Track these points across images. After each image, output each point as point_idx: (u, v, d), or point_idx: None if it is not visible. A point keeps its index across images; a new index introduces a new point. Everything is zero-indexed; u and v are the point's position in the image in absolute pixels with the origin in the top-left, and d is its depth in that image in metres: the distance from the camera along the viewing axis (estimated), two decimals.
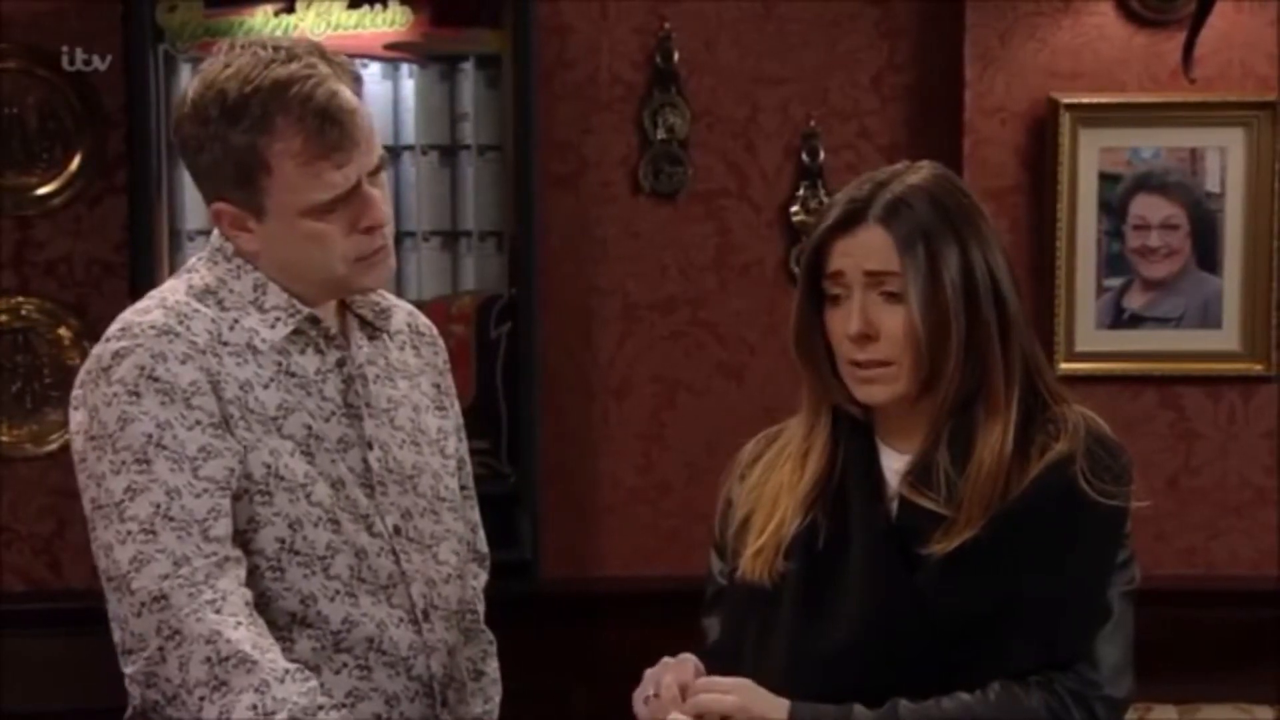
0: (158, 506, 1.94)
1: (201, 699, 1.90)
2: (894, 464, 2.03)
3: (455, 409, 2.26)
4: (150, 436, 1.96)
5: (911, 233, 1.98)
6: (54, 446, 3.86)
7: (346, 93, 2.01)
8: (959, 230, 2.00)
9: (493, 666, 2.30)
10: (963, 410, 2.00)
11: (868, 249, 2.00)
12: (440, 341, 2.28)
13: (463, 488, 2.25)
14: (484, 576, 2.31)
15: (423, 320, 2.28)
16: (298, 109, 1.97)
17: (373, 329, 2.16)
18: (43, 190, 3.93)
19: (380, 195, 2.05)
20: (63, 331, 3.94)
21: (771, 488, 2.08)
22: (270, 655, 1.92)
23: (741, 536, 2.08)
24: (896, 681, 1.95)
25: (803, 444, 2.08)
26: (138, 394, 1.97)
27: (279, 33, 3.66)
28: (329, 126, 1.98)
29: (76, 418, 2.02)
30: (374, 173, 2.04)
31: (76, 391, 2.03)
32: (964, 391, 2.00)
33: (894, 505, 2.01)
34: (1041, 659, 1.95)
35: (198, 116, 2.02)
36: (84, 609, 2.40)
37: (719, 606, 2.12)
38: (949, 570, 1.94)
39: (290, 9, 3.73)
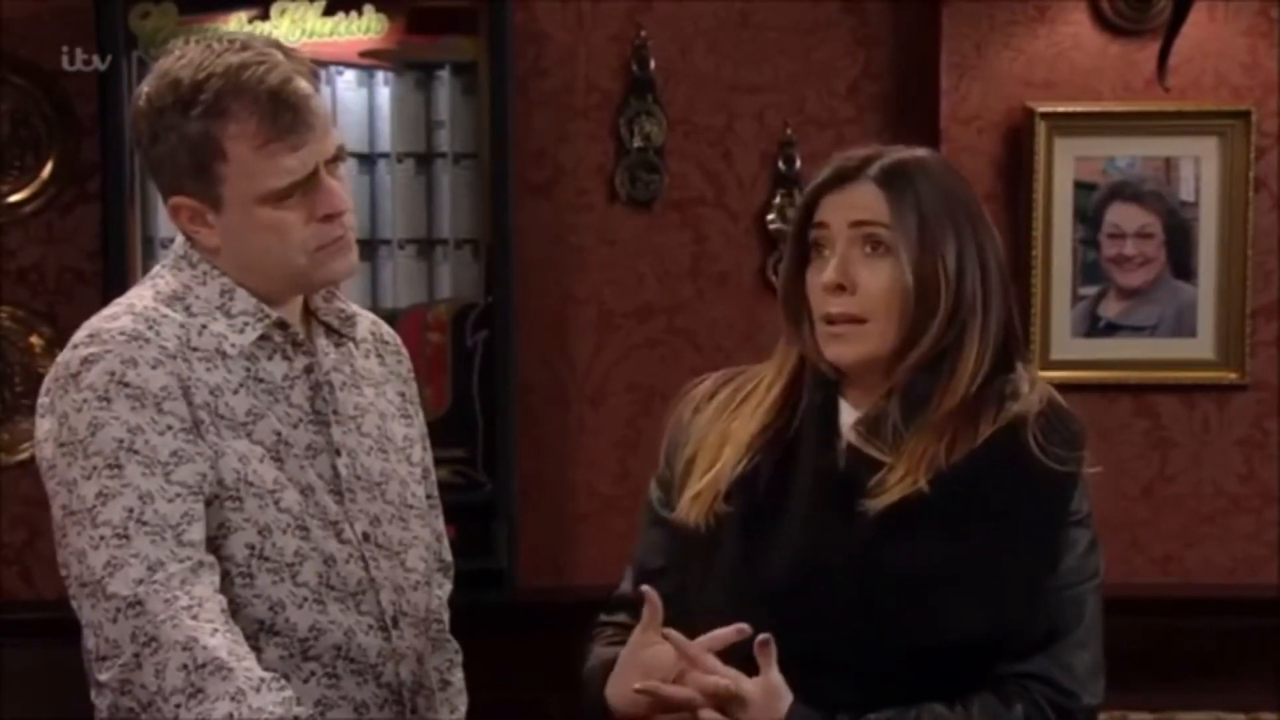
0: (130, 511, 1.92)
1: (178, 706, 1.88)
2: (849, 418, 2.01)
3: (420, 418, 2.25)
4: (122, 441, 1.94)
5: (906, 195, 1.96)
6: (25, 455, 3.84)
7: (301, 80, 2.00)
8: (951, 205, 1.98)
9: (458, 676, 2.29)
10: (927, 370, 1.97)
11: (858, 203, 1.98)
12: (404, 351, 2.26)
13: (428, 496, 2.23)
14: (448, 586, 2.30)
15: (386, 329, 2.26)
16: (251, 93, 1.96)
17: (338, 336, 2.15)
18: (14, 197, 3.91)
19: (339, 184, 2.04)
20: (34, 340, 3.92)
21: (719, 431, 2.05)
22: (246, 663, 1.90)
23: (685, 475, 2.05)
24: (832, 631, 1.92)
25: (764, 394, 2.06)
26: (108, 399, 1.95)
27: None
28: (283, 110, 1.97)
29: (44, 425, 2.00)
30: (332, 161, 2.03)
31: (43, 399, 2.01)
32: (933, 359, 1.97)
33: (842, 453, 1.99)
34: (983, 624, 1.92)
35: (152, 107, 2.00)
36: (56, 619, 2.37)
37: (660, 532, 2.07)
38: (892, 524, 1.92)
39: (265, 15, 3.72)
